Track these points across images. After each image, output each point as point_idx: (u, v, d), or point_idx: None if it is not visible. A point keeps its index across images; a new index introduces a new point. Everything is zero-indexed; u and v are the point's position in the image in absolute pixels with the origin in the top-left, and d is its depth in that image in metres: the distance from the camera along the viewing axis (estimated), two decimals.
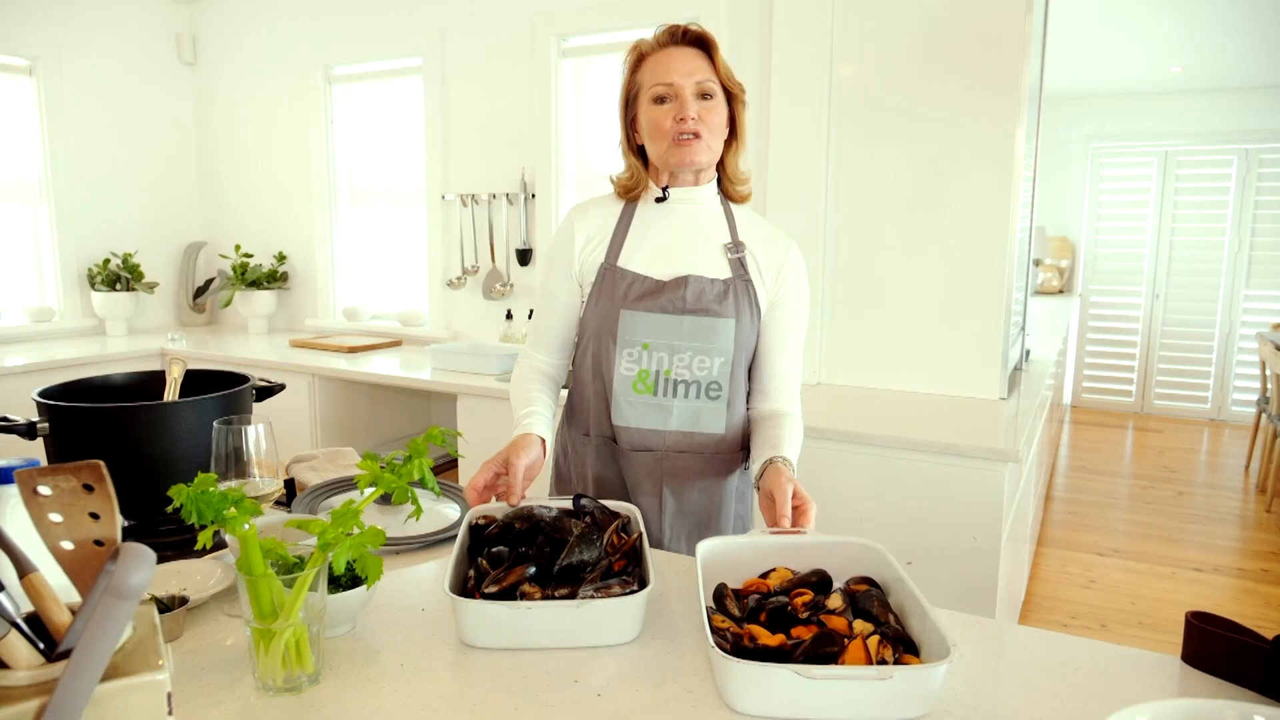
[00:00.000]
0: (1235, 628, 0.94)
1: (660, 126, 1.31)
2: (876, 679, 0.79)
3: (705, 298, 1.34)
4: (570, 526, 1.08)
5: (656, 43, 1.34)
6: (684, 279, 1.34)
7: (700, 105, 1.30)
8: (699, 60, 1.31)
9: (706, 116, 1.31)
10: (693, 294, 1.33)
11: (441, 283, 3.46)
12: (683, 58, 1.30)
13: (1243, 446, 5.82)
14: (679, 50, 1.31)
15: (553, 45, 3.09)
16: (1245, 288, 6.38)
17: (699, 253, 1.37)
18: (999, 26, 2.31)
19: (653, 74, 1.32)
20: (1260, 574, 3.70)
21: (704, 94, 1.30)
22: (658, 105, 1.31)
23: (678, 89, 1.29)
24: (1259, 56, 5.33)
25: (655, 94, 1.31)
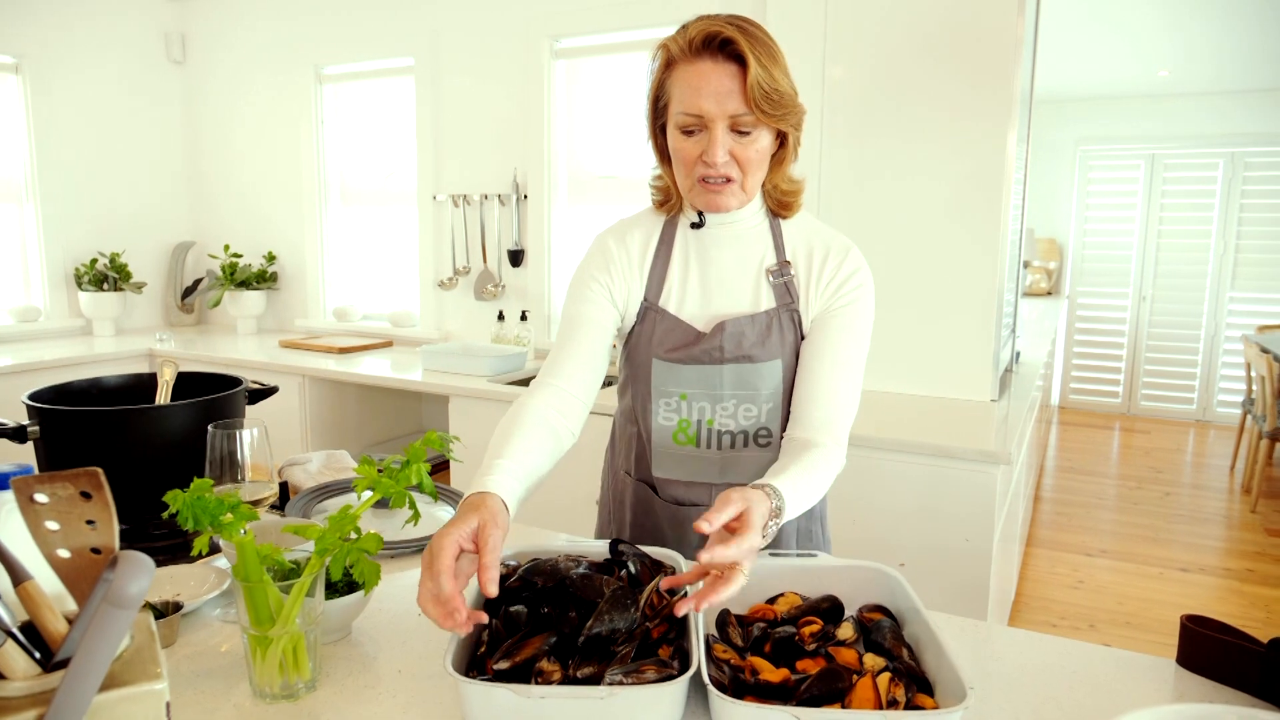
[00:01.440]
0: (1230, 630, 0.94)
1: (686, 162, 1.13)
2: None
3: (745, 343, 1.19)
4: (601, 585, 0.93)
5: (689, 47, 1.08)
6: (721, 326, 1.18)
7: (735, 141, 1.10)
8: (737, 81, 1.06)
9: (742, 154, 1.10)
10: (731, 343, 1.18)
11: (433, 283, 3.45)
12: (717, 78, 1.06)
13: (1228, 447, 5.87)
14: (714, 67, 1.06)
15: (546, 46, 3.08)
16: (1231, 290, 6.44)
17: (740, 283, 1.21)
18: (991, 29, 2.32)
19: (680, 94, 1.10)
20: (1246, 574, 3.73)
21: (741, 126, 1.08)
22: (685, 137, 1.11)
23: (708, 120, 1.08)
24: (1245, 61, 5.38)
25: (682, 124, 1.10)
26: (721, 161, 1.09)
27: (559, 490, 2.55)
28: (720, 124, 1.08)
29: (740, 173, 1.12)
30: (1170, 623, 3.24)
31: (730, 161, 1.11)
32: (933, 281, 2.46)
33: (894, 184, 2.48)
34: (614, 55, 3.05)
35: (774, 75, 1.07)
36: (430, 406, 3.55)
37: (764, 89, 1.06)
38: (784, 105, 1.09)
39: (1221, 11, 4.30)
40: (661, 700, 0.81)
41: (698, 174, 1.13)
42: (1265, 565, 3.82)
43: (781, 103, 1.08)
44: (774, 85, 1.07)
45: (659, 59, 1.14)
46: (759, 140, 1.11)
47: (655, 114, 1.18)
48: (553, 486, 2.52)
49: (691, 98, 1.08)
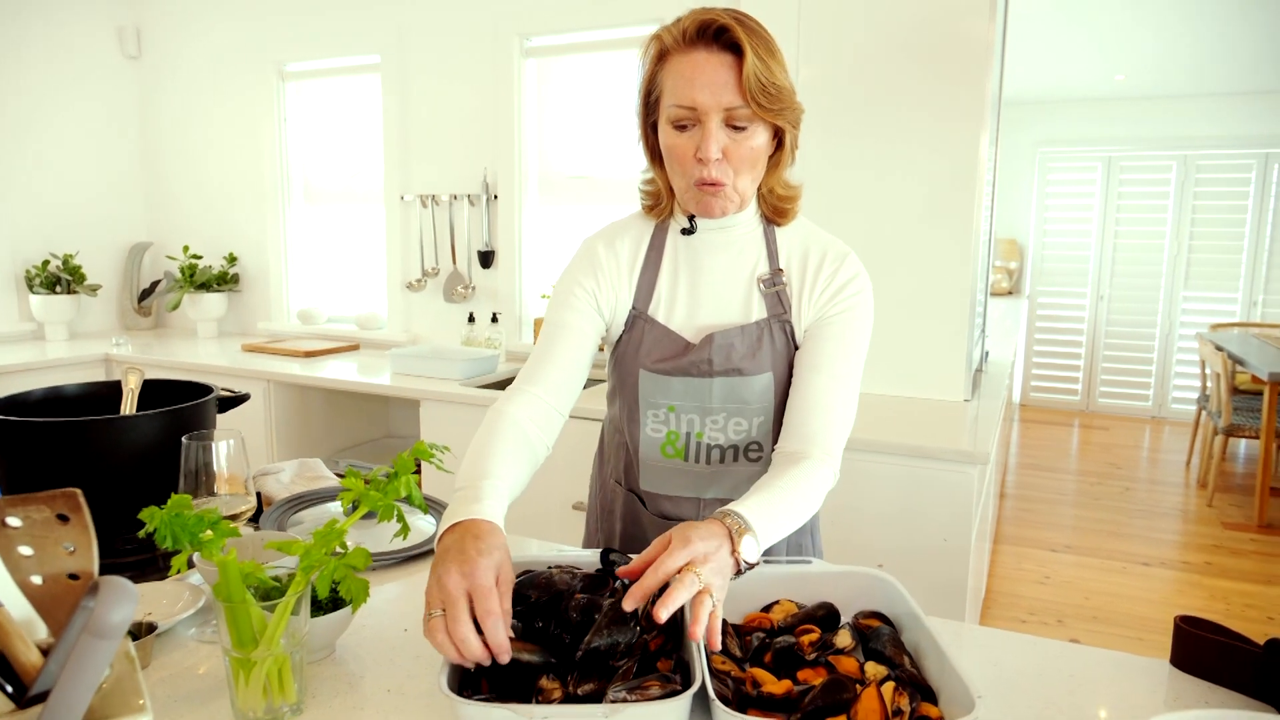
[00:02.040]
0: (1224, 631, 0.95)
1: (680, 159, 1.08)
2: None
3: (735, 355, 1.15)
4: (598, 599, 0.91)
5: (683, 37, 1.04)
6: (709, 338, 1.14)
7: (729, 137, 1.05)
8: (733, 73, 1.02)
9: (736, 151, 1.06)
10: (720, 355, 1.14)
11: (401, 285, 3.39)
12: (712, 69, 1.02)
13: (1183, 443, 6.02)
14: (709, 58, 1.02)
15: (515, 45, 3.04)
16: (1184, 289, 6.60)
17: (731, 293, 1.18)
18: (963, 32, 2.33)
19: (674, 86, 1.05)
20: (1204, 567, 3.82)
21: (736, 122, 1.05)
22: (678, 131, 1.06)
23: (701, 114, 1.03)
24: (1197, 66, 5.52)
25: (675, 117, 1.05)
26: (715, 157, 1.05)
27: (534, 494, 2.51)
28: (715, 117, 1.03)
29: (732, 173, 1.08)
30: (1136, 616, 3.31)
31: (722, 161, 1.06)
32: (907, 282, 2.47)
33: (868, 185, 2.49)
34: (585, 54, 3.02)
35: (771, 68, 1.03)
36: (399, 411, 3.49)
37: (760, 80, 1.02)
38: (781, 100, 1.05)
39: (1175, 18, 4.40)
40: (666, 717, 0.78)
41: (693, 176, 1.08)
42: (1222, 558, 3.92)
43: (779, 97, 1.04)
44: (771, 78, 1.03)
45: (651, 51, 1.09)
46: (754, 137, 1.06)
47: (647, 110, 1.13)
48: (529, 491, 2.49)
49: (685, 89, 1.03)
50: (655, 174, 1.19)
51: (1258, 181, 6.28)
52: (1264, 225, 6.31)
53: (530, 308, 3.25)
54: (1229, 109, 6.28)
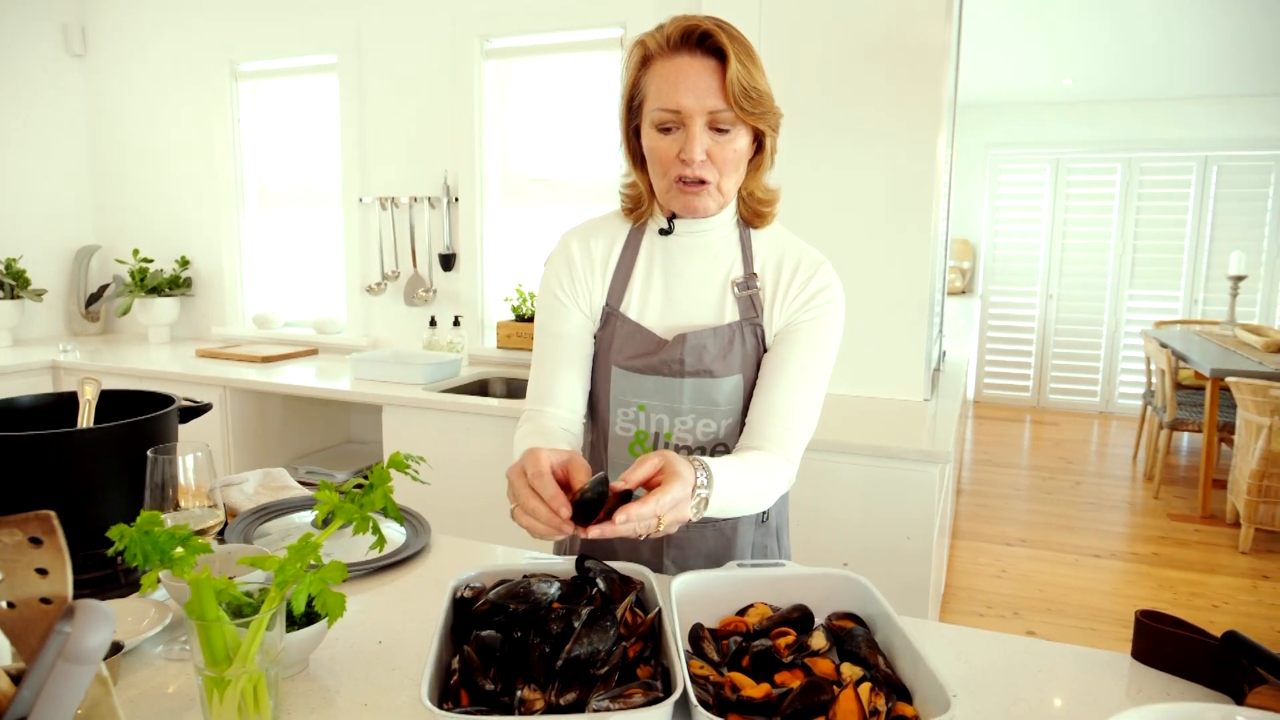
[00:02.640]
0: (1183, 625, 0.98)
1: (663, 161, 1.10)
2: None
3: (706, 356, 1.16)
4: (577, 608, 0.91)
5: (666, 43, 1.06)
6: (682, 338, 1.16)
7: (713, 140, 1.07)
8: (716, 77, 1.04)
9: (719, 154, 1.08)
10: (692, 356, 1.15)
11: (360, 288, 3.34)
12: (696, 73, 1.04)
13: (1130, 437, 6.20)
14: (693, 62, 1.05)
15: (476, 46, 3.02)
16: (1129, 288, 6.80)
17: (705, 295, 1.19)
18: (920, 36, 2.37)
19: (658, 90, 1.07)
20: (1152, 557, 3.94)
21: (719, 124, 1.07)
22: (661, 134, 1.08)
23: (686, 117, 1.05)
24: (1140, 72, 5.69)
25: (659, 120, 1.07)
26: (699, 159, 1.07)
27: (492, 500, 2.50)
28: (699, 120, 1.05)
29: (717, 174, 1.10)
30: (1088, 607, 3.40)
31: (707, 162, 1.08)
32: (868, 283, 2.50)
33: (829, 187, 2.52)
34: (546, 56, 3.01)
35: (752, 73, 1.06)
36: (360, 416, 3.44)
37: (743, 84, 1.04)
38: (762, 104, 1.08)
39: (1117, 25, 4.54)
40: None
41: (674, 174, 1.09)
42: (1169, 549, 4.04)
43: (760, 101, 1.07)
44: (752, 82, 1.06)
45: (635, 56, 1.11)
46: (737, 140, 1.08)
47: (629, 114, 1.15)
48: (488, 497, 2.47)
49: (670, 92, 1.05)
50: (637, 177, 1.20)
51: (1197, 184, 6.50)
52: (1204, 226, 6.53)
53: (493, 311, 3.23)
54: (1170, 114, 6.49)
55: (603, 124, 2.96)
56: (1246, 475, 3.93)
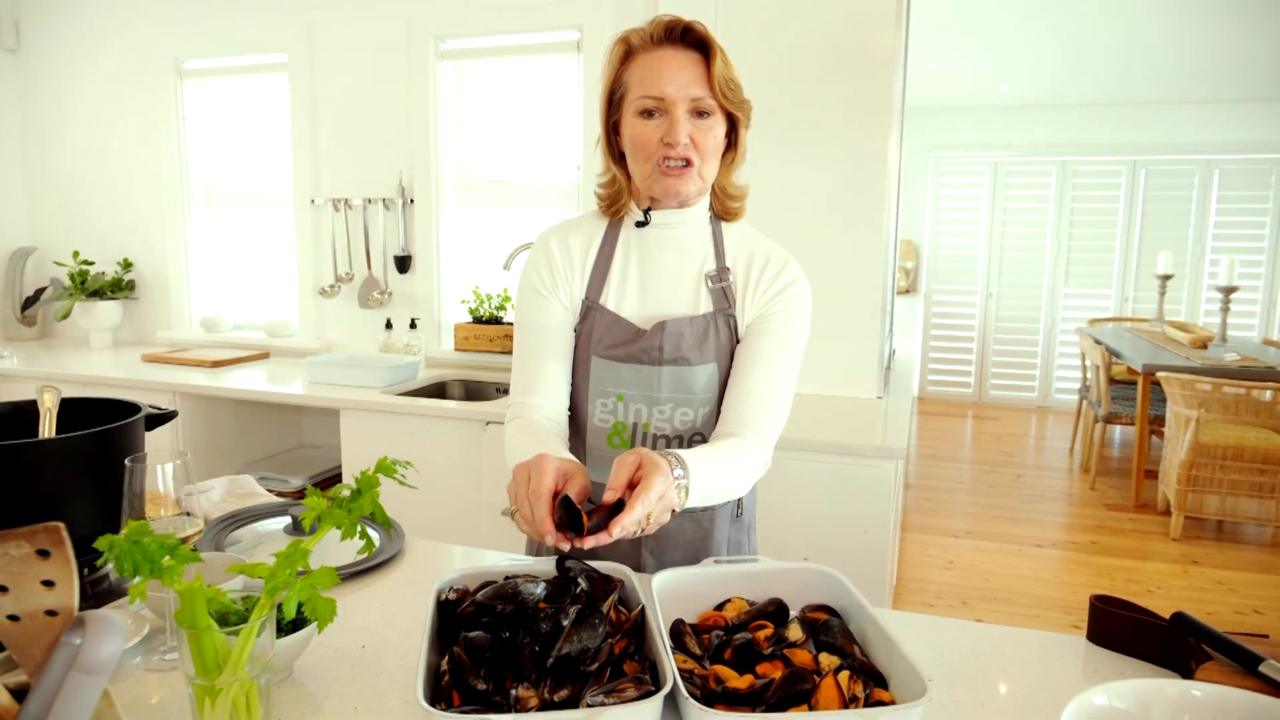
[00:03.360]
0: (1134, 608, 1.05)
1: (645, 146, 1.14)
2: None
3: (683, 345, 1.19)
4: (565, 607, 0.93)
5: (649, 37, 1.13)
6: (660, 325, 1.19)
7: (694, 125, 1.13)
8: (698, 69, 1.11)
9: (700, 138, 1.13)
10: (670, 343, 1.19)
11: (312, 291, 3.29)
12: (678, 65, 1.11)
13: (1066, 431, 6.43)
14: (674, 54, 1.11)
15: (431, 47, 3.00)
16: (1065, 286, 7.06)
17: (680, 286, 1.23)
18: (872, 42, 2.44)
19: (641, 80, 1.12)
20: (1090, 546, 4.10)
21: (701, 111, 1.12)
22: (644, 119, 1.13)
23: (669, 104, 1.11)
24: (1073, 79, 5.91)
25: (642, 106, 1.12)
26: (684, 142, 1.12)
27: (461, 503, 2.50)
28: (682, 106, 1.11)
29: (699, 158, 1.14)
30: (1031, 595, 3.53)
31: (690, 145, 1.13)
32: (823, 283, 2.55)
33: (784, 188, 2.57)
34: (502, 59, 3.01)
35: (728, 65, 1.14)
36: (313, 420, 3.39)
37: (724, 75, 1.12)
38: (739, 94, 1.15)
39: (1051, 33, 4.71)
40: (642, 717, 0.81)
41: (657, 157, 1.14)
42: (1105, 537, 4.22)
43: (738, 91, 1.15)
44: (730, 74, 1.14)
45: (617, 52, 1.16)
46: (716, 128, 1.14)
47: (610, 110, 1.19)
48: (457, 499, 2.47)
49: (653, 82, 1.11)
50: (616, 173, 1.23)
51: (1127, 186, 6.78)
52: (1133, 227, 6.81)
53: (450, 313, 3.21)
54: (1101, 119, 6.75)
55: (559, 127, 2.97)
56: (1176, 465, 4.12)
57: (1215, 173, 6.58)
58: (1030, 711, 0.91)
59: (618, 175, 1.23)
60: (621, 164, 1.22)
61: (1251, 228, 6.56)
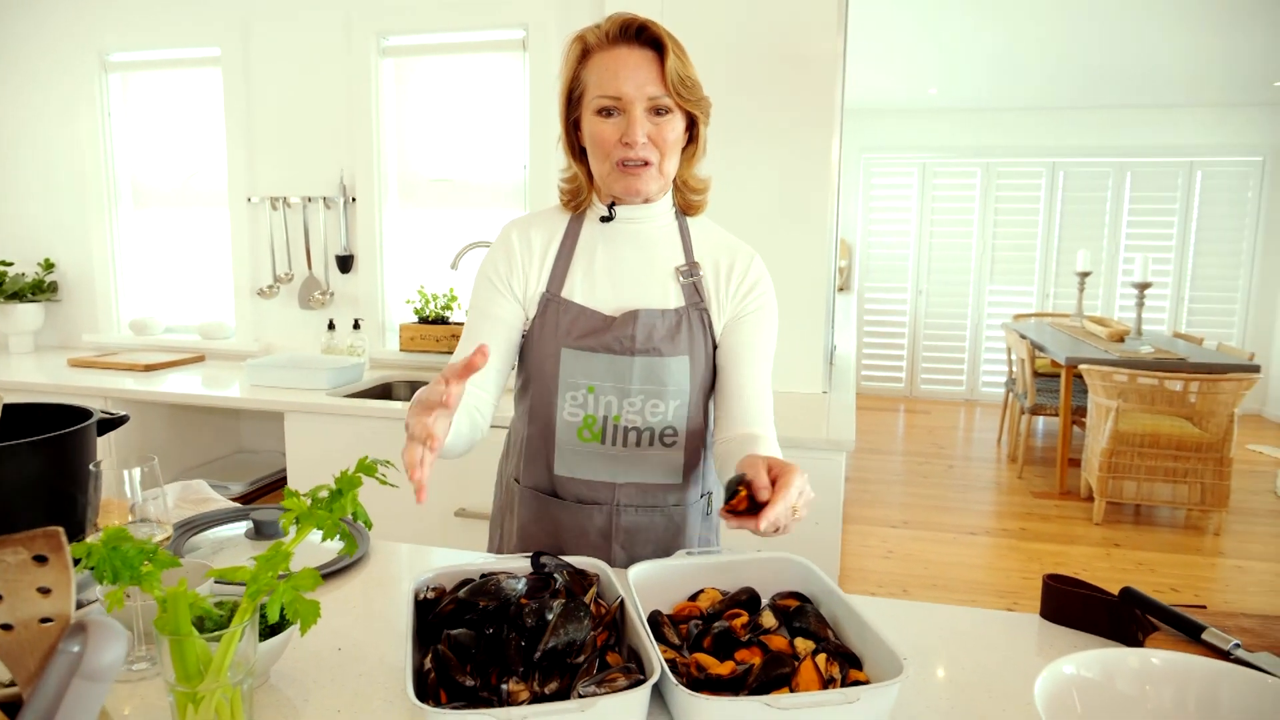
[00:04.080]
0: (1084, 585, 1.11)
1: (604, 145, 1.15)
2: (843, 702, 0.80)
3: (656, 335, 1.19)
4: (548, 600, 0.93)
5: (605, 36, 1.14)
6: (633, 315, 1.19)
7: (652, 124, 1.14)
8: (654, 67, 1.12)
9: (659, 136, 1.14)
10: (643, 332, 1.19)
11: (249, 292, 3.20)
12: (634, 64, 1.12)
13: (993, 422, 6.68)
14: (631, 53, 1.12)
15: (372, 43, 2.96)
16: (990, 283, 7.32)
17: (649, 280, 1.23)
18: (814, 44, 2.50)
19: (599, 79, 1.13)
20: (1020, 532, 4.27)
21: (659, 109, 1.13)
22: (603, 119, 1.14)
23: (626, 103, 1.12)
24: (995, 84, 6.13)
25: (600, 105, 1.13)
26: (641, 141, 1.13)
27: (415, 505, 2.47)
28: (639, 105, 1.12)
29: (658, 155, 1.16)
30: (967, 581, 3.66)
31: (648, 144, 1.14)
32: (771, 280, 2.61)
33: (730, 187, 2.60)
34: (446, 56, 2.98)
35: (685, 63, 1.15)
36: (253, 425, 3.29)
37: (680, 73, 1.13)
38: (696, 92, 1.16)
39: (976, 39, 4.88)
40: (634, 705, 0.83)
41: (617, 157, 1.15)
42: (1034, 523, 4.40)
43: (695, 89, 1.16)
44: (687, 72, 1.15)
45: (574, 51, 1.18)
46: (675, 125, 1.16)
47: (569, 108, 1.20)
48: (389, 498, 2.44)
49: (611, 81, 1.12)
50: (576, 169, 1.24)
51: (1046, 188, 7.07)
52: (1053, 226, 7.11)
53: (394, 313, 3.16)
54: (1023, 122, 7.03)
55: (505, 125, 2.96)
56: (1098, 454, 4.32)
57: (1128, 175, 6.92)
58: (995, 683, 0.96)
59: (579, 171, 1.24)
60: (582, 160, 1.23)
61: (1161, 227, 6.92)
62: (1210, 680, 0.72)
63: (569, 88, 1.19)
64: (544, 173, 2.87)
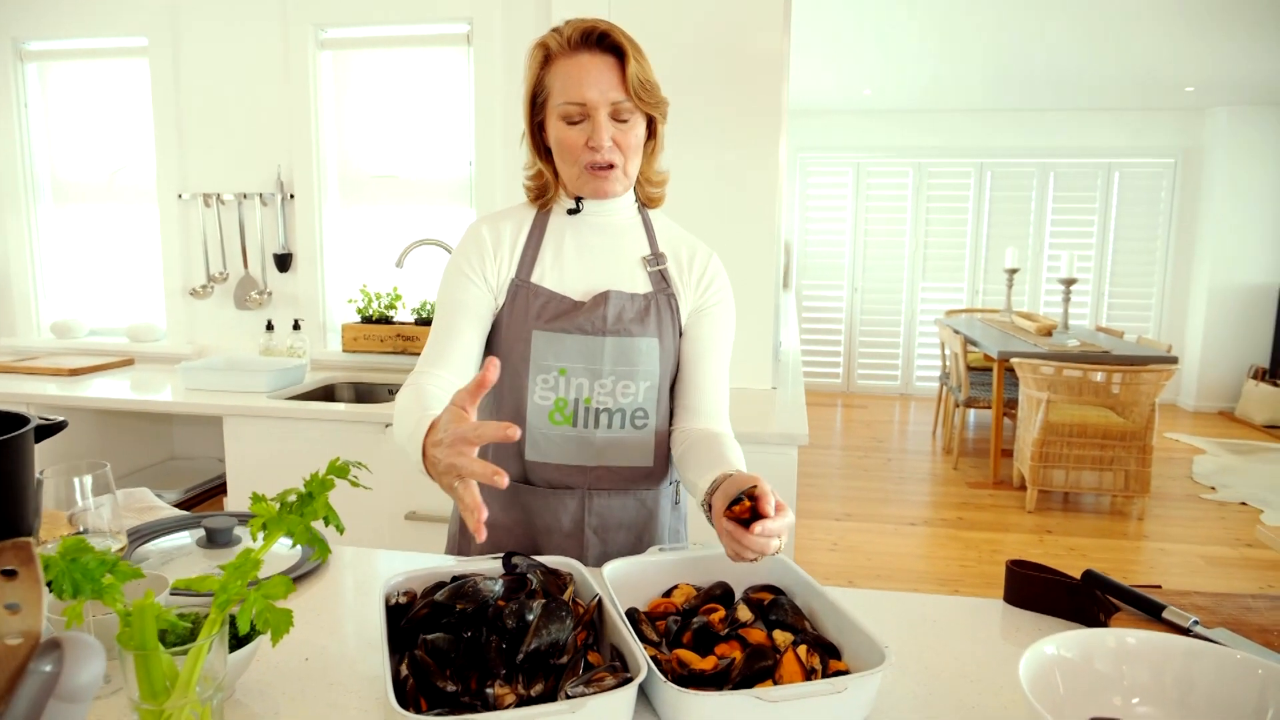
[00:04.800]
0: (1045, 569, 1.14)
1: (571, 150, 1.18)
2: (831, 692, 0.81)
3: (626, 316, 1.22)
4: (527, 601, 0.92)
5: (567, 43, 1.16)
6: (604, 296, 1.22)
7: (616, 128, 1.17)
8: (615, 72, 1.15)
9: (623, 140, 1.18)
10: (614, 313, 1.21)
11: (181, 292, 3.08)
12: (597, 70, 1.15)
13: (928, 416, 6.86)
14: (593, 59, 1.15)
15: (310, 35, 2.87)
16: (923, 280, 7.51)
17: (618, 267, 1.26)
18: (760, 44, 2.52)
19: (563, 86, 1.16)
20: (957, 521, 4.40)
21: (621, 113, 1.17)
22: (568, 124, 1.17)
23: (590, 109, 1.15)
24: (927, 86, 6.29)
25: (565, 112, 1.16)
26: (607, 145, 1.16)
27: (365, 507, 2.41)
28: (603, 111, 1.15)
29: (623, 158, 1.19)
30: (910, 570, 3.75)
31: (613, 148, 1.18)
32: None
33: (681, 186, 2.61)
34: (388, 50, 2.91)
35: (645, 67, 1.18)
36: (186, 430, 3.16)
37: (640, 78, 1.16)
38: (656, 94, 1.20)
39: (910, 44, 5.00)
40: (621, 705, 0.82)
41: (584, 161, 1.18)
42: (969, 513, 4.53)
43: (654, 91, 1.20)
44: (647, 76, 1.18)
45: (537, 57, 1.20)
46: (637, 127, 1.19)
47: (533, 110, 1.23)
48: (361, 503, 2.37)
49: (575, 88, 1.15)
50: (542, 168, 1.26)
51: (975, 187, 7.29)
52: (981, 225, 7.33)
53: (335, 313, 3.08)
54: (952, 124, 7.23)
55: (450, 121, 2.91)
56: (1030, 444, 4.48)
57: (1051, 175, 7.19)
58: (969, 668, 0.98)
59: (544, 170, 1.27)
60: (547, 159, 1.26)
61: (1082, 225, 7.20)
62: (1183, 658, 0.74)
63: (533, 92, 1.21)
64: (490, 169, 2.83)
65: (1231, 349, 6.94)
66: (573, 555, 1.27)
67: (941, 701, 0.91)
